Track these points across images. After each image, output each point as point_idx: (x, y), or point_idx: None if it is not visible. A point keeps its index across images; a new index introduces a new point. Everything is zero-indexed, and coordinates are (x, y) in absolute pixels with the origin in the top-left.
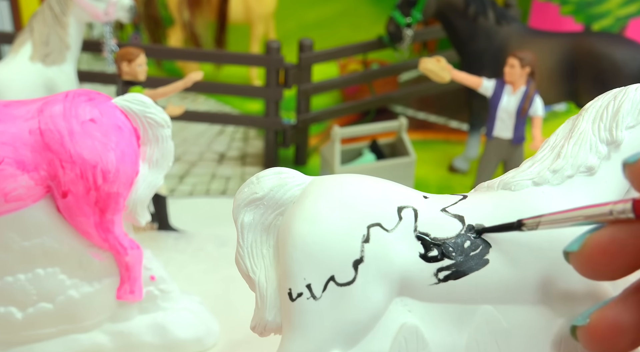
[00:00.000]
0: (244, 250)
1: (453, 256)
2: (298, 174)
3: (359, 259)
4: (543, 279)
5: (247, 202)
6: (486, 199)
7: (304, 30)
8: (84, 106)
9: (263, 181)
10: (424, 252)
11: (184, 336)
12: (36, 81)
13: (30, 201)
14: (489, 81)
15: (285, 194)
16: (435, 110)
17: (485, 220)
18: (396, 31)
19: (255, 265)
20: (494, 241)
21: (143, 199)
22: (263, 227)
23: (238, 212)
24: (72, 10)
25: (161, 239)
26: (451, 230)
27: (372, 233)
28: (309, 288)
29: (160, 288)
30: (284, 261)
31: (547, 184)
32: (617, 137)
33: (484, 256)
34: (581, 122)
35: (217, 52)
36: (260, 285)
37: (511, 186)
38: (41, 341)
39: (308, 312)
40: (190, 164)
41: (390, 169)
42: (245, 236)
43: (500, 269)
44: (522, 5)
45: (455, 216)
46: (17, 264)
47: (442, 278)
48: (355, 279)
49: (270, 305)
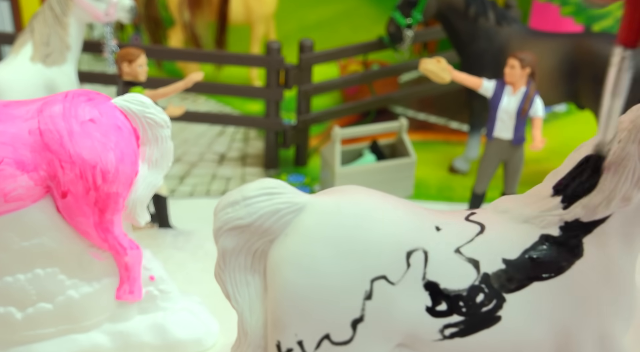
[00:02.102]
0: (226, 275)
1: (463, 312)
2: (292, 194)
3: (359, 318)
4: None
5: (231, 227)
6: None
7: (304, 31)
8: (84, 106)
9: (251, 204)
10: (431, 306)
11: (184, 336)
12: (37, 81)
13: (30, 201)
14: (489, 82)
15: (277, 223)
16: (435, 111)
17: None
18: (396, 32)
19: (239, 293)
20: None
21: (143, 199)
22: (248, 253)
23: (219, 236)
24: (72, 11)
25: (160, 239)
26: (464, 279)
27: (376, 288)
28: (300, 345)
29: (160, 288)
30: (273, 308)
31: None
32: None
33: (496, 312)
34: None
35: (217, 53)
36: (244, 319)
37: (537, 222)
38: (41, 341)
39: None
40: (190, 164)
41: (390, 170)
42: (227, 261)
43: (513, 327)
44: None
45: (469, 261)
46: (17, 264)
47: (448, 335)
48: (353, 338)
49: (254, 344)
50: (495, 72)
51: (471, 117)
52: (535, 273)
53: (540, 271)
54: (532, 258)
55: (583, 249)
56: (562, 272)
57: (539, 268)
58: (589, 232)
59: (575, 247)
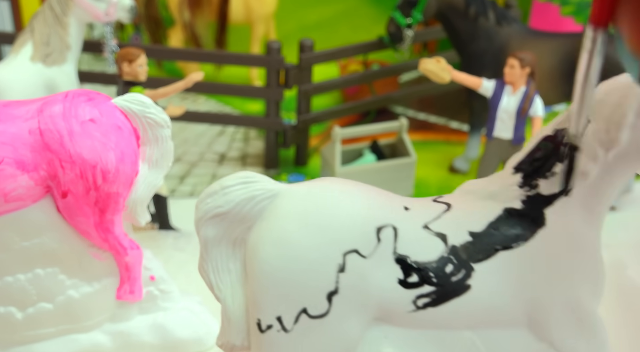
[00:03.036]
0: (208, 264)
1: (433, 282)
2: (267, 183)
3: (334, 291)
4: (527, 302)
5: (211, 215)
6: (472, 212)
7: (304, 30)
8: (84, 106)
9: (229, 193)
10: (403, 278)
11: (184, 336)
12: (37, 81)
13: (30, 201)
14: (489, 82)
15: (254, 209)
16: (435, 110)
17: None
18: (397, 32)
19: (221, 281)
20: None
21: (143, 199)
22: (229, 241)
23: (200, 226)
24: (72, 11)
25: (161, 239)
26: (433, 252)
27: (348, 261)
28: (279, 320)
29: (160, 288)
30: (252, 288)
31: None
32: (616, 139)
33: (465, 281)
34: None
35: (217, 53)
36: (227, 306)
37: (499, 197)
38: (41, 341)
39: (279, 345)
40: (190, 164)
41: (390, 170)
42: (209, 250)
43: (483, 294)
44: (522, 6)
45: (437, 235)
46: (17, 264)
47: (421, 305)
48: (329, 311)
49: (237, 329)
50: (495, 71)
51: (471, 117)
52: (501, 243)
53: (506, 241)
54: (497, 229)
55: (545, 219)
56: (526, 241)
57: (504, 238)
58: (550, 204)
59: (538, 217)
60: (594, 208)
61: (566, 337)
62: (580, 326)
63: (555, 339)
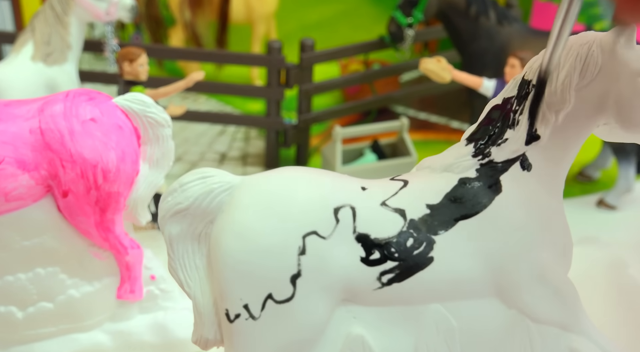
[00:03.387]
0: (176, 262)
1: (396, 257)
2: (225, 176)
3: (297, 274)
4: (492, 271)
5: (172, 213)
6: (429, 186)
7: (305, 30)
8: (85, 106)
9: (187, 189)
10: (365, 256)
11: (184, 336)
12: (38, 81)
13: (31, 200)
14: (490, 81)
15: (213, 202)
16: (436, 110)
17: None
18: (397, 31)
19: (189, 277)
20: (439, 237)
21: (143, 198)
22: (193, 237)
23: (164, 224)
24: (73, 10)
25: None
26: (393, 228)
27: (308, 243)
28: (246, 308)
29: (161, 288)
30: (217, 279)
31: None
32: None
33: (428, 253)
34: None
35: (218, 52)
36: (197, 301)
37: (454, 168)
38: (41, 340)
39: (249, 333)
40: (191, 164)
41: (391, 169)
42: (174, 247)
43: (446, 266)
44: (523, 6)
45: (396, 210)
46: (18, 264)
47: (385, 282)
48: (294, 294)
49: (208, 322)
50: (496, 71)
51: (472, 117)
52: (459, 213)
53: (463, 211)
54: (454, 199)
55: (501, 186)
56: (484, 209)
57: (462, 208)
58: (504, 171)
59: (494, 184)
60: (550, 173)
61: (534, 302)
62: (546, 290)
63: (524, 304)
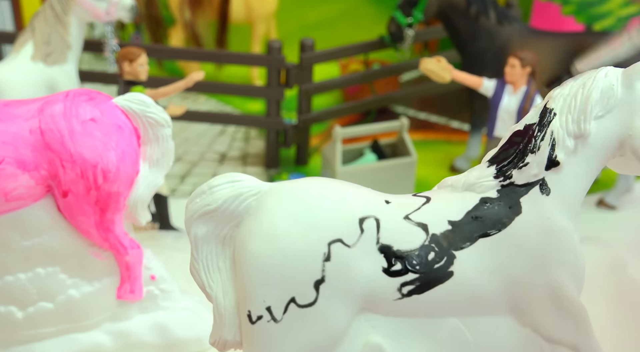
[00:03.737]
0: (199, 263)
1: (417, 270)
2: (253, 181)
3: (320, 279)
4: (509, 289)
5: (200, 214)
6: (451, 203)
7: (305, 30)
8: (85, 106)
9: (216, 191)
10: (387, 267)
11: (184, 336)
12: (38, 81)
13: (31, 200)
14: (490, 81)
15: (240, 206)
16: (436, 110)
17: (450, 227)
18: (397, 31)
19: (212, 279)
20: (459, 252)
21: (143, 198)
22: (218, 240)
23: (190, 224)
24: (73, 10)
25: (161, 238)
26: (415, 241)
27: (333, 250)
28: (269, 311)
29: (161, 288)
30: (242, 281)
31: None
32: (584, 130)
33: (448, 267)
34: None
35: (218, 52)
36: (218, 302)
37: (476, 188)
38: (41, 340)
39: (269, 336)
40: (191, 164)
41: (391, 169)
42: (199, 248)
43: (465, 281)
44: (523, 6)
45: (418, 225)
46: (18, 264)
47: (405, 293)
48: (317, 300)
49: (229, 324)
50: (496, 71)
51: (472, 117)
52: (480, 231)
53: (484, 229)
54: (475, 217)
55: (521, 207)
56: (504, 228)
57: (482, 226)
58: (524, 193)
59: (514, 205)
60: (566, 197)
61: (547, 321)
62: (560, 310)
63: (537, 323)
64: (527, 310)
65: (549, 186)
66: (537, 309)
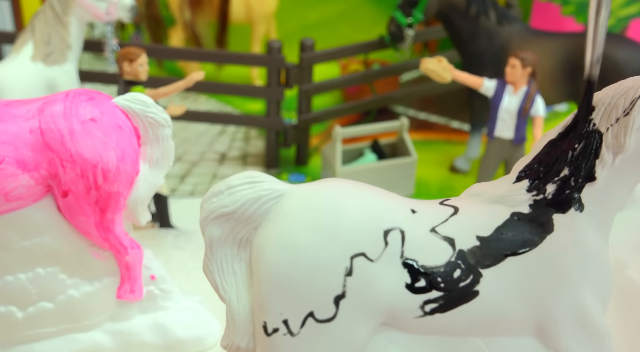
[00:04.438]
0: (213, 265)
1: (441, 288)
2: (274, 183)
3: (341, 295)
4: (535, 310)
5: (217, 215)
6: (480, 216)
7: (305, 30)
8: (85, 106)
9: (235, 192)
10: (410, 283)
11: (185, 336)
12: (38, 81)
13: (31, 200)
14: (490, 81)
15: (260, 209)
16: (436, 110)
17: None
18: (397, 31)
19: (226, 282)
20: (486, 271)
21: (143, 198)
22: (234, 242)
23: (206, 225)
24: (73, 10)
25: (161, 237)
26: (441, 256)
27: (356, 265)
28: (285, 324)
29: (161, 288)
30: (258, 290)
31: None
32: (625, 144)
33: (474, 286)
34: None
35: (218, 52)
36: (232, 307)
37: (507, 201)
38: (41, 340)
39: (284, 349)
40: (191, 164)
41: (391, 169)
42: (214, 250)
43: (491, 301)
44: (523, 6)
45: (445, 239)
46: (18, 264)
47: (428, 311)
48: (336, 315)
49: (242, 330)
50: (497, 71)
51: (472, 117)
52: (509, 249)
53: (514, 247)
54: (505, 234)
55: (553, 225)
56: (535, 247)
57: (512, 244)
58: (558, 210)
59: (545, 222)
60: (601, 214)
61: (572, 345)
62: (586, 334)
63: (563, 347)
64: (552, 332)
65: (584, 201)
66: (562, 331)
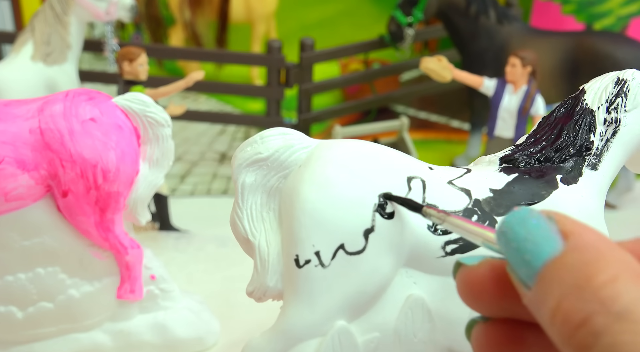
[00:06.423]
0: (243, 212)
1: None
2: (304, 136)
3: (370, 229)
4: None
5: (250, 162)
6: (491, 174)
7: (305, 29)
8: (84, 105)
9: (268, 141)
10: (432, 224)
11: (185, 335)
12: (37, 81)
13: (31, 200)
14: (490, 80)
15: (291, 156)
16: (436, 109)
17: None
18: (397, 30)
19: (255, 228)
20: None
21: (143, 198)
22: (265, 190)
23: (239, 172)
24: (73, 10)
25: (162, 239)
26: (459, 203)
27: (383, 202)
28: (317, 255)
29: (161, 287)
30: (291, 226)
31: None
32: (616, 118)
33: None
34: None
35: (218, 52)
36: (261, 249)
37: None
38: (41, 341)
39: (315, 280)
40: (191, 163)
41: None
42: (245, 197)
43: None
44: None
45: (462, 190)
46: (18, 264)
47: (449, 251)
48: (365, 248)
49: (272, 270)
50: (497, 70)
51: (472, 116)
52: (519, 200)
53: (523, 199)
54: (515, 188)
55: (558, 183)
56: (542, 200)
57: (522, 196)
58: (560, 172)
59: (551, 180)
60: (595, 181)
61: None
62: None
63: None
64: None
65: (582, 169)
66: None
